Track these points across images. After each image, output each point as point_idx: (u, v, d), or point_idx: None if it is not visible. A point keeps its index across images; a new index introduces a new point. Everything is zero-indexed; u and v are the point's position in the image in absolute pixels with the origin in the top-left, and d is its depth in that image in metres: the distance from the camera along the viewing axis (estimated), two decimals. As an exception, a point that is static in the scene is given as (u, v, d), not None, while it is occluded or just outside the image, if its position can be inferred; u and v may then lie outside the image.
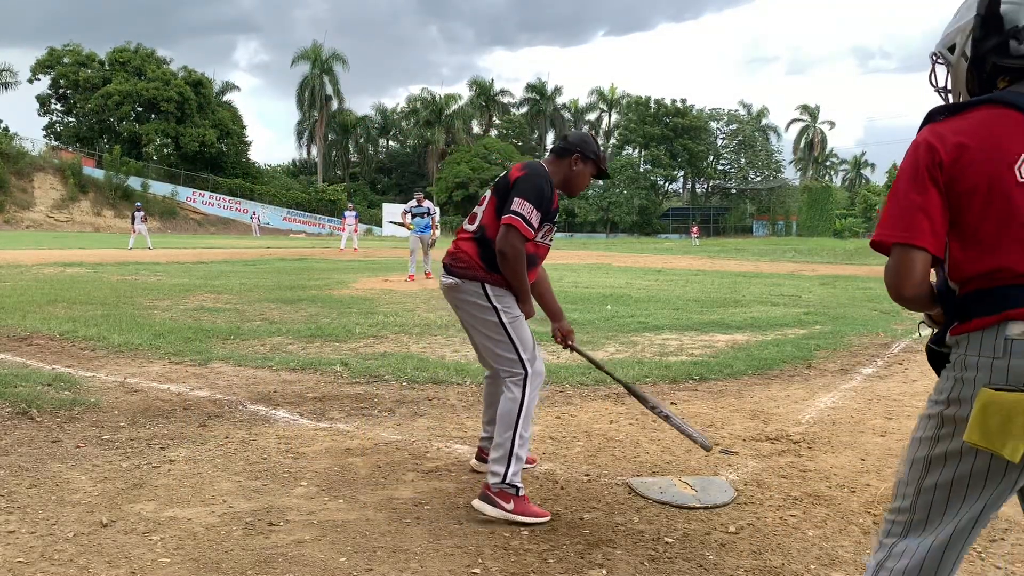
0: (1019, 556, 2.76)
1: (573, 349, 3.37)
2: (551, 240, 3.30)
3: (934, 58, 1.55)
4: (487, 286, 3.06)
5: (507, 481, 2.96)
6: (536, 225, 3.04)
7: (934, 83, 1.56)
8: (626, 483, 3.41)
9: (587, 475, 3.53)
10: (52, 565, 2.51)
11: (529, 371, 3.06)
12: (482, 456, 3.49)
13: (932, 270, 1.46)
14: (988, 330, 1.37)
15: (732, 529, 2.94)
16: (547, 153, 3.30)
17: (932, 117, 1.46)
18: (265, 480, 3.36)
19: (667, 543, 2.80)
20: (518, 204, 2.99)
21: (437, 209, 25.71)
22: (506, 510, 2.93)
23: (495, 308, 3.06)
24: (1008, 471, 1.38)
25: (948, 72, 1.51)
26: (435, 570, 2.55)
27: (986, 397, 1.34)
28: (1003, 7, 1.42)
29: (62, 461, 3.55)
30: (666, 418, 3.26)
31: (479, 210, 3.20)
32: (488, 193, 3.19)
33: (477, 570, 2.55)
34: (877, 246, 1.49)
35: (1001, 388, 1.33)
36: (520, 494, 2.97)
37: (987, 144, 1.36)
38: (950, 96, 1.53)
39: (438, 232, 16.07)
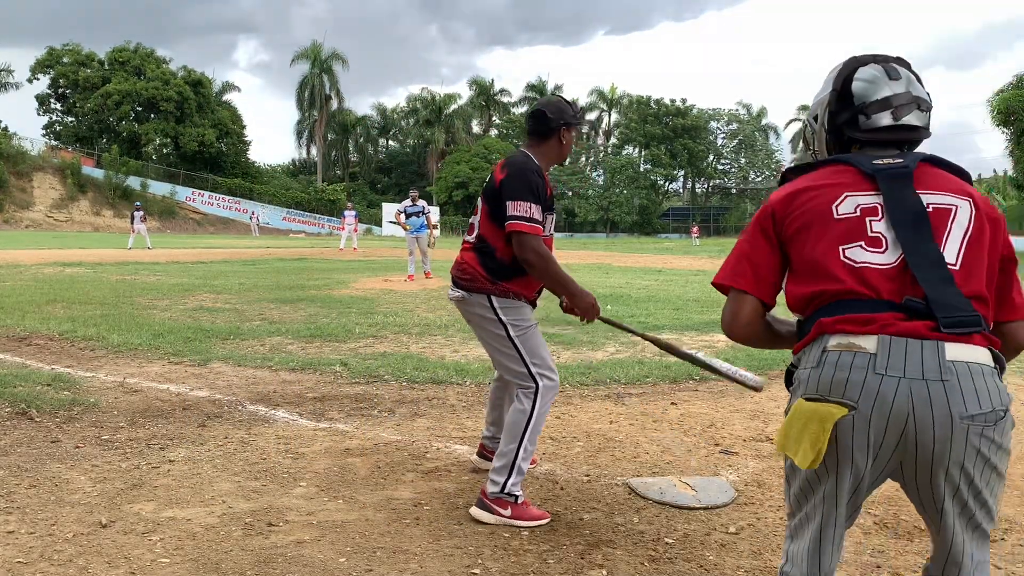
0: (1020, 557, 2.75)
1: (601, 320, 3.23)
2: (550, 231, 3.17)
3: (804, 124, 1.78)
4: (493, 298, 3.00)
5: (506, 491, 2.94)
6: (538, 219, 2.95)
7: (805, 142, 1.78)
8: (626, 484, 3.41)
9: (587, 475, 3.53)
10: (51, 565, 2.50)
11: (540, 384, 3.00)
12: (483, 452, 3.50)
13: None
14: (812, 344, 1.50)
15: (732, 530, 2.94)
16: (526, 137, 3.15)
17: (784, 177, 1.66)
18: (264, 480, 3.36)
19: (667, 544, 2.80)
20: (513, 207, 2.90)
21: (433, 208, 25.51)
22: (503, 516, 2.93)
23: (502, 321, 3.01)
24: (824, 478, 1.47)
25: (813, 134, 1.72)
26: (435, 570, 2.54)
27: (795, 406, 1.46)
28: (855, 84, 1.62)
29: (61, 461, 3.54)
30: (712, 369, 2.91)
31: (475, 220, 3.12)
32: (479, 201, 3.11)
33: (477, 571, 2.55)
34: (717, 287, 1.67)
35: (811, 398, 1.44)
36: (519, 502, 2.95)
37: (818, 187, 1.55)
38: (814, 154, 1.74)
39: (437, 232, 15.92)
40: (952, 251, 1.46)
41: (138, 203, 31.94)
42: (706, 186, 77.90)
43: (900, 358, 1.37)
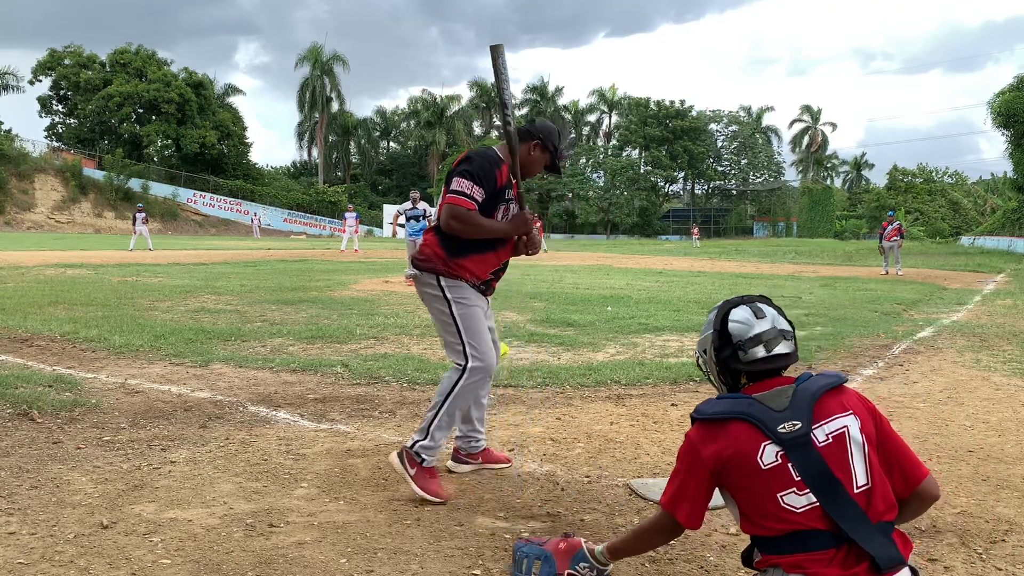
0: (1020, 558, 2.75)
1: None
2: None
3: (696, 353, 2.16)
4: (441, 278, 3.20)
5: (414, 449, 3.17)
6: (478, 198, 3.10)
7: (702, 371, 2.14)
8: (627, 484, 3.41)
9: (588, 477, 3.53)
10: (52, 566, 2.51)
11: (469, 363, 3.20)
12: (457, 456, 3.57)
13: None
14: (768, 570, 1.85)
15: (733, 531, 2.93)
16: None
17: (699, 413, 1.96)
18: (266, 481, 3.36)
19: (667, 544, 2.79)
20: (455, 183, 3.12)
21: (433, 210, 25.23)
22: (409, 474, 3.15)
23: (447, 299, 3.20)
24: None
25: (705, 364, 2.10)
26: (436, 571, 2.55)
27: None
28: (731, 325, 1.98)
29: (63, 462, 3.55)
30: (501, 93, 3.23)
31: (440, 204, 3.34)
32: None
33: (478, 571, 2.55)
34: (663, 507, 2.02)
35: None
36: (425, 465, 3.16)
37: (738, 453, 1.85)
38: (712, 378, 2.10)
39: None
40: (861, 470, 1.80)
41: (140, 204, 31.98)
42: (706, 187, 77.89)
43: None
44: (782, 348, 1.94)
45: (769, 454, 1.81)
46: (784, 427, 1.83)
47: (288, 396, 4.94)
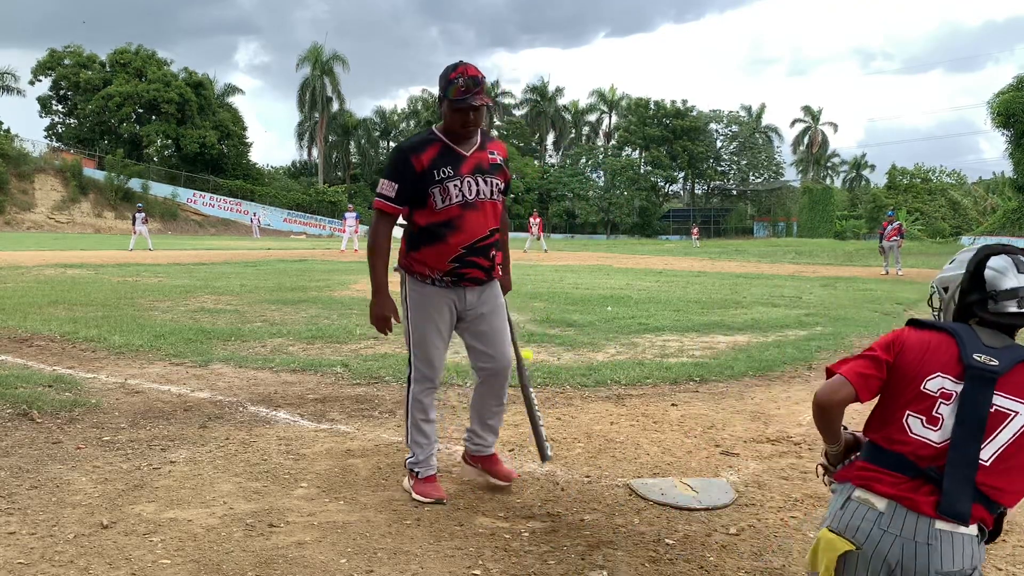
0: (1020, 558, 2.75)
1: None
2: (485, 196, 3.10)
3: (932, 287, 2.08)
4: (406, 277, 3.22)
5: (407, 466, 3.26)
6: (389, 194, 3.05)
7: (931, 305, 2.09)
8: (627, 485, 3.41)
9: (588, 477, 3.53)
10: (52, 566, 2.51)
11: (411, 374, 3.21)
12: (464, 456, 3.53)
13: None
14: (844, 486, 1.90)
15: (733, 531, 2.94)
16: None
17: (912, 323, 1.97)
18: (266, 481, 3.36)
19: (668, 545, 2.80)
20: (379, 186, 3.12)
21: None
22: (406, 486, 3.25)
23: (404, 299, 3.22)
24: None
25: (941, 302, 2.03)
26: (436, 571, 2.55)
27: (821, 534, 1.87)
28: (987, 272, 1.88)
29: (63, 462, 3.55)
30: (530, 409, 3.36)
31: None
32: None
33: (478, 571, 2.55)
34: (827, 371, 1.98)
35: (832, 530, 1.84)
36: (420, 477, 3.20)
37: (927, 354, 1.87)
38: (940, 315, 2.04)
39: None
40: (990, 451, 1.78)
41: (140, 204, 31.96)
42: (706, 187, 77.89)
43: (900, 522, 1.76)
44: None
45: (934, 384, 1.83)
46: (981, 357, 1.81)
47: (288, 396, 4.94)
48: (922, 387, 1.82)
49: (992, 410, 1.78)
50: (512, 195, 65.06)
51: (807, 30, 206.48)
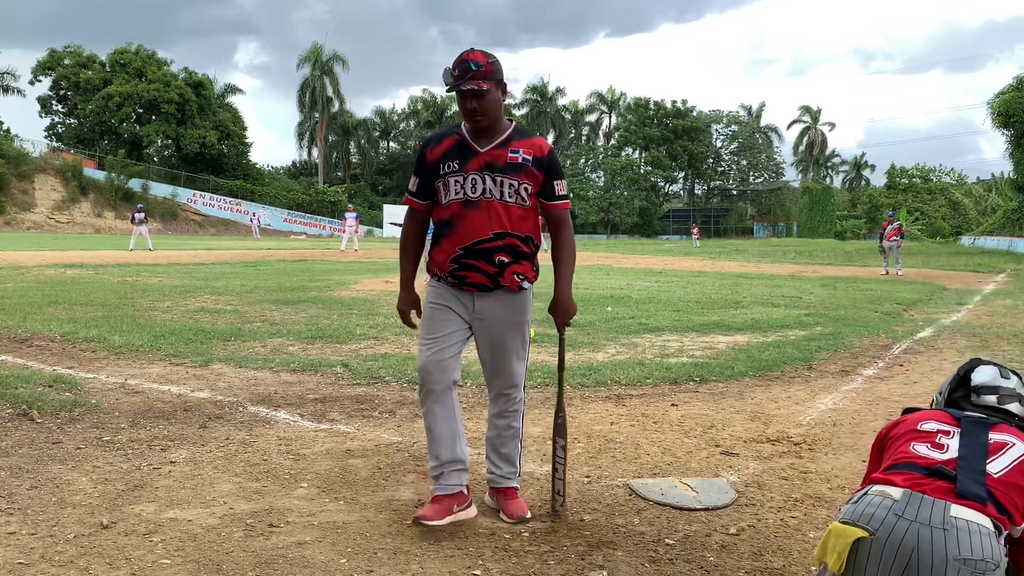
0: (1020, 558, 2.75)
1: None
2: (493, 195, 2.86)
3: (937, 395, 2.37)
4: (428, 275, 3.07)
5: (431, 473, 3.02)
6: (412, 188, 3.00)
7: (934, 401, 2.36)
8: (627, 485, 3.41)
9: (588, 477, 3.53)
10: (52, 566, 2.51)
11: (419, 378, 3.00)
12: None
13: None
14: (859, 492, 1.97)
15: (733, 531, 2.94)
16: None
17: (904, 411, 2.25)
18: (266, 481, 3.36)
19: (668, 545, 2.80)
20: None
21: None
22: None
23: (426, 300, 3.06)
24: None
25: (933, 403, 2.34)
26: (436, 571, 2.55)
27: (831, 526, 1.89)
28: (974, 374, 2.22)
29: (63, 462, 3.55)
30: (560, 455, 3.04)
31: None
32: None
33: (478, 572, 2.55)
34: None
35: (844, 521, 1.86)
36: (434, 492, 2.96)
37: (914, 416, 2.15)
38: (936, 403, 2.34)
39: None
40: (997, 467, 1.89)
41: (140, 204, 31.96)
42: (706, 188, 77.90)
43: (915, 508, 1.78)
44: (1013, 407, 2.12)
45: (931, 425, 2.01)
46: (972, 413, 2.07)
47: (288, 396, 4.94)
48: (918, 428, 2.02)
49: (991, 442, 1.95)
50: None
51: (807, 30, 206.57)
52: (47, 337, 6.89)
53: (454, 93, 2.86)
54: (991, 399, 2.13)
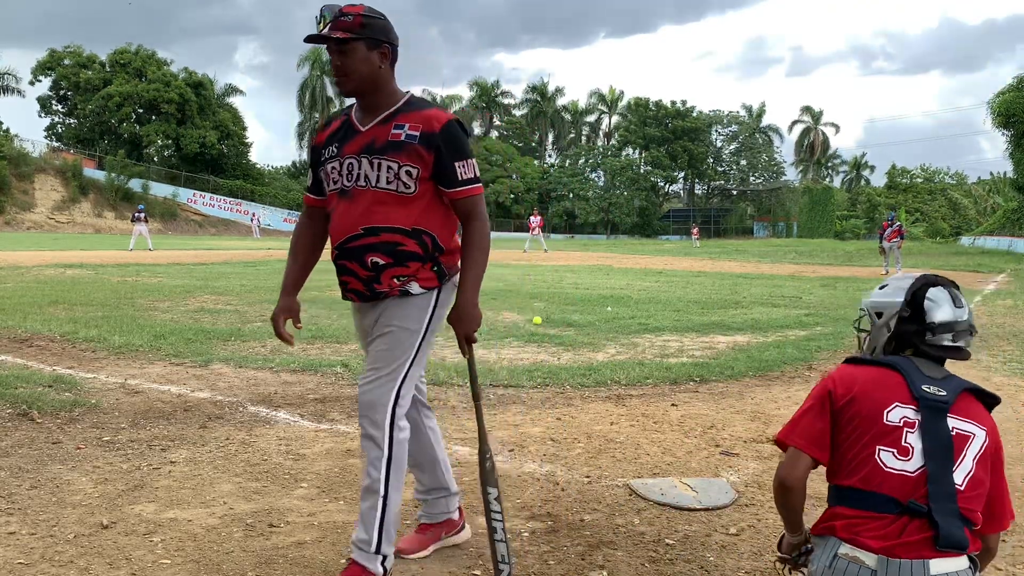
0: (1020, 558, 2.76)
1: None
2: (368, 183, 2.37)
3: (863, 310, 2.07)
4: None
5: None
6: (309, 183, 2.59)
7: (857, 328, 2.12)
8: (627, 485, 3.41)
9: (588, 477, 3.53)
10: (52, 566, 2.51)
11: None
12: None
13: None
14: (827, 542, 1.85)
15: (733, 531, 2.94)
16: None
17: (849, 361, 1.98)
18: (266, 481, 3.36)
19: (668, 545, 2.80)
20: None
21: None
22: None
23: None
24: None
25: (872, 326, 2.02)
26: (435, 571, 2.55)
27: None
28: (925, 303, 1.90)
29: (62, 463, 3.55)
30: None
31: None
32: None
33: (478, 572, 2.55)
34: (778, 443, 1.95)
35: None
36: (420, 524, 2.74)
37: (874, 390, 1.86)
38: (866, 338, 2.06)
39: None
40: (962, 473, 1.79)
41: (141, 204, 31.96)
42: (706, 188, 77.90)
43: (895, 574, 1.71)
44: (963, 343, 1.93)
45: (896, 415, 1.82)
46: (929, 388, 1.84)
47: (288, 396, 4.94)
48: (885, 420, 1.82)
49: (954, 434, 1.81)
50: (512, 195, 66.52)
51: (807, 30, 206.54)
52: (47, 337, 6.89)
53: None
54: (946, 339, 1.91)
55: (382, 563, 2.36)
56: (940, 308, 1.90)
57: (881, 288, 2.02)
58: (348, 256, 2.42)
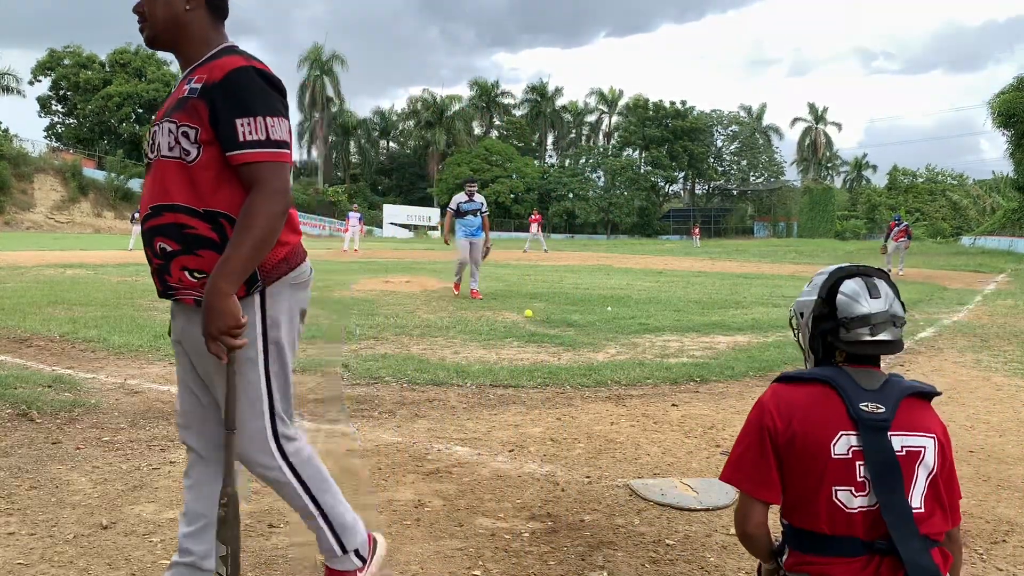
0: (1021, 558, 2.75)
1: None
2: (159, 151, 1.97)
3: (791, 311, 2.00)
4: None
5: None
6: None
7: (792, 326, 2.02)
8: (627, 485, 3.41)
9: (588, 477, 3.52)
10: (52, 567, 2.50)
11: None
12: None
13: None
14: None
15: (733, 531, 2.93)
16: None
17: (781, 379, 1.87)
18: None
19: (668, 545, 2.80)
20: None
21: (433, 211, 21.90)
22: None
23: None
24: None
25: (799, 329, 1.98)
26: (435, 572, 2.54)
27: None
28: (839, 298, 1.82)
29: (62, 463, 3.54)
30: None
31: None
32: None
33: (478, 572, 2.55)
34: (727, 481, 1.86)
35: None
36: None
37: (815, 418, 1.75)
38: (801, 343, 1.98)
39: (490, 239, 11.29)
40: (918, 494, 1.72)
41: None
42: (706, 188, 77.90)
43: None
44: (887, 335, 1.81)
45: (842, 445, 1.72)
46: (867, 406, 1.74)
47: (288, 396, 4.93)
48: (832, 454, 1.73)
49: (903, 453, 1.72)
50: (512, 195, 66.57)
51: (807, 30, 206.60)
52: (47, 337, 6.89)
53: None
54: (863, 333, 1.80)
55: (355, 555, 2.23)
56: (854, 302, 1.81)
57: (807, 286, 1.96)
58: (145, 242, 2.00)
